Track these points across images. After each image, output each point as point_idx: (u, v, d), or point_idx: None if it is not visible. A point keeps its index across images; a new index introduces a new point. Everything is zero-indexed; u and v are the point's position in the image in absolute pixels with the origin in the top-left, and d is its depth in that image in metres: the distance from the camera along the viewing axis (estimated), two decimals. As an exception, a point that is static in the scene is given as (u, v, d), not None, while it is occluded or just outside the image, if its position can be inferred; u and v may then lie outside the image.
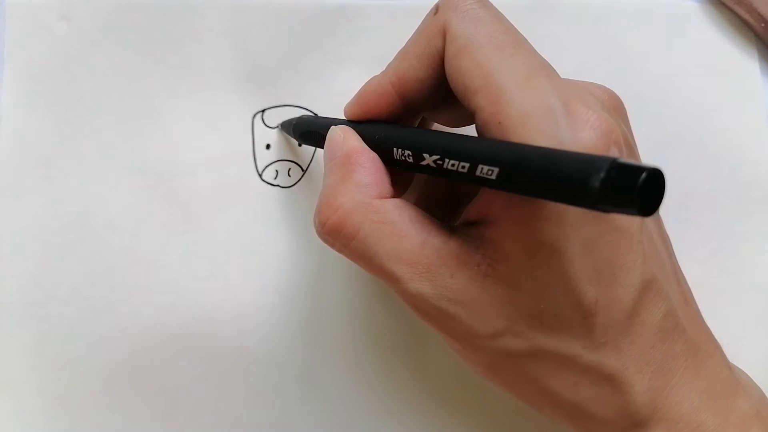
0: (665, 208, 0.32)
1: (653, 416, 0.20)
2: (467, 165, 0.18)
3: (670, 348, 0.21)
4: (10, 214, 0.28)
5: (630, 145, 0.22)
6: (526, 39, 0.21)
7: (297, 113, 0.30)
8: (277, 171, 0.29)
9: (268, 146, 0.29)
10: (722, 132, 0.31)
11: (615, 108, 0.23)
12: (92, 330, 0.28)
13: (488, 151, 0.18)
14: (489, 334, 0.20)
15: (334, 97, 0.30)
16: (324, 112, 0.30)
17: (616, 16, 0.32)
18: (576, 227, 0.19)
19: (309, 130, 0.26)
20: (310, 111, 0.30)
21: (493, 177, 0.18)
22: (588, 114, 0.19)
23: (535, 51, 0.21)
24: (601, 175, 0.14)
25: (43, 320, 0.28)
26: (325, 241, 0.22)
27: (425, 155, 0.20)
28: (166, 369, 0.28)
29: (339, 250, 0.22)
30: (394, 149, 0.21)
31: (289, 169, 0.29)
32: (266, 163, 0.29)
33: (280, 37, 0.30)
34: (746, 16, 0.31)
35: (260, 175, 0.29)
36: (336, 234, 0.21)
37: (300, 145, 0.30)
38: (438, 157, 0.20)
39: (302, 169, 0.29)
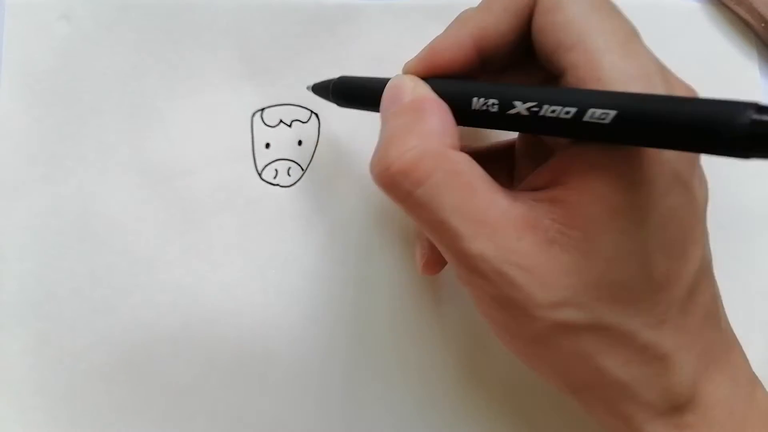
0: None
1: (693, 400, 0.20)
2: (572, 110, 0.17)
3: (711, 333, 0.20)
4: (10, 214, 0.28)
5: None
6: (618, 7, 0.21)
7: (296, 112, 0.30)
8: (276, 170, 0.29)
9: (267, 145, 0.29)
10: (722, 132, 0.31)
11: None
12: (92, 329, 0.28)
13: (600, 95, 0.17)
14: (549, 303, 0.19)
15: (334, 96, 0.30)
16: (323, 111, 0.30)
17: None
18: (664, 195, 0.18)
19: (357, 87, 0.24)
20: (310, 110, 0.30)
21: (607, 121, 0.17)
22: (681, 84, 0.19)
23: (628, 19, 0.20)
24: (753, 115, 0.14)
25: (43, 320, 0.28)
26: (387, 185, 0.20)
27: (516, 103, 0.19)
28: (166, 369, 0.28)
29: (400, 199, 0.20)
30: (474, 99, 0.20)
31: (289, 168, 0.29)
32: (266, 162, 0.29)
33: (280, 37, 0.30)
34: (746, 16, 0.31)
35: (260, 175, 0.29)
36: (404, 177, 0.19)
37: (299, 143, 0.30)
38: (534, 103, 0.18)
39: (302, 169, 0.29)
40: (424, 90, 0.21)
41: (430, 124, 0.20)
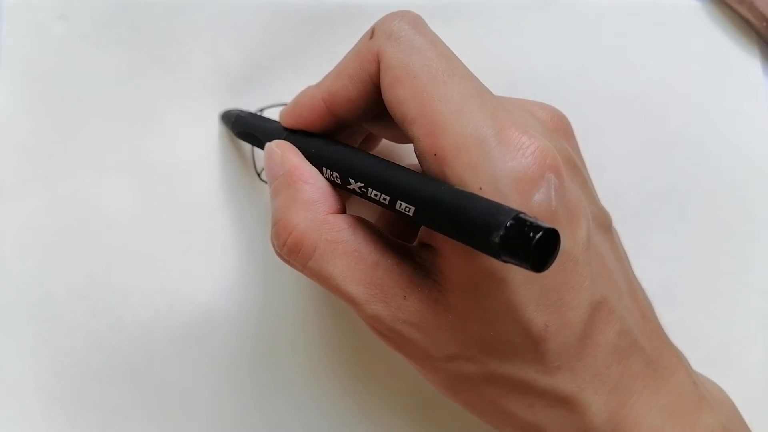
0: (667, 208, 0.32)
1: None
2: (388, 198, 0.19)
3: (627, 367, 0.20)
4: (8, 215, 0.28)
5: (574, 166, 0.22)
6: (462, 64, 0.20)
7: None
8: (276, 171, 0.29)
9: (267, 146, 0.29)
10: (724, 131, 0.31)
11: (558, 128, 0.23)
12: (91, 330, 0.28)
13: (408, 188, 0.19)
14: (443, 357, 0.20)
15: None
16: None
17: (618, 15, 0.31)
18: None
19: (247, 132, 0.26)
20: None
21: (411, 213, 0.18)
22: (522, 140, 0.19)
23: (472, 76, 0.20)
24: (501, 232, 0.15)
25: (42, 320, 0.28)
26: (286, 262, 0.22)
27: (351, 180, 0.20)
28: (165, 369, 0.28)
29: (300, 271, 0.21)
30: (323, 168, 0.22)
31: (289, 169, 0.29)
32: (265, 163, 0.29)
33: (279, 36, 0.30)
34: (748, 15, 0.31)
35: (259, 175, 0.29)
36: (294, 255, 0.21)
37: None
38: (362, 184, 0.20)
39: (302, 169, 0.29)
40: (293, 158, 0.22)
41: (305, 197, 0.21)
